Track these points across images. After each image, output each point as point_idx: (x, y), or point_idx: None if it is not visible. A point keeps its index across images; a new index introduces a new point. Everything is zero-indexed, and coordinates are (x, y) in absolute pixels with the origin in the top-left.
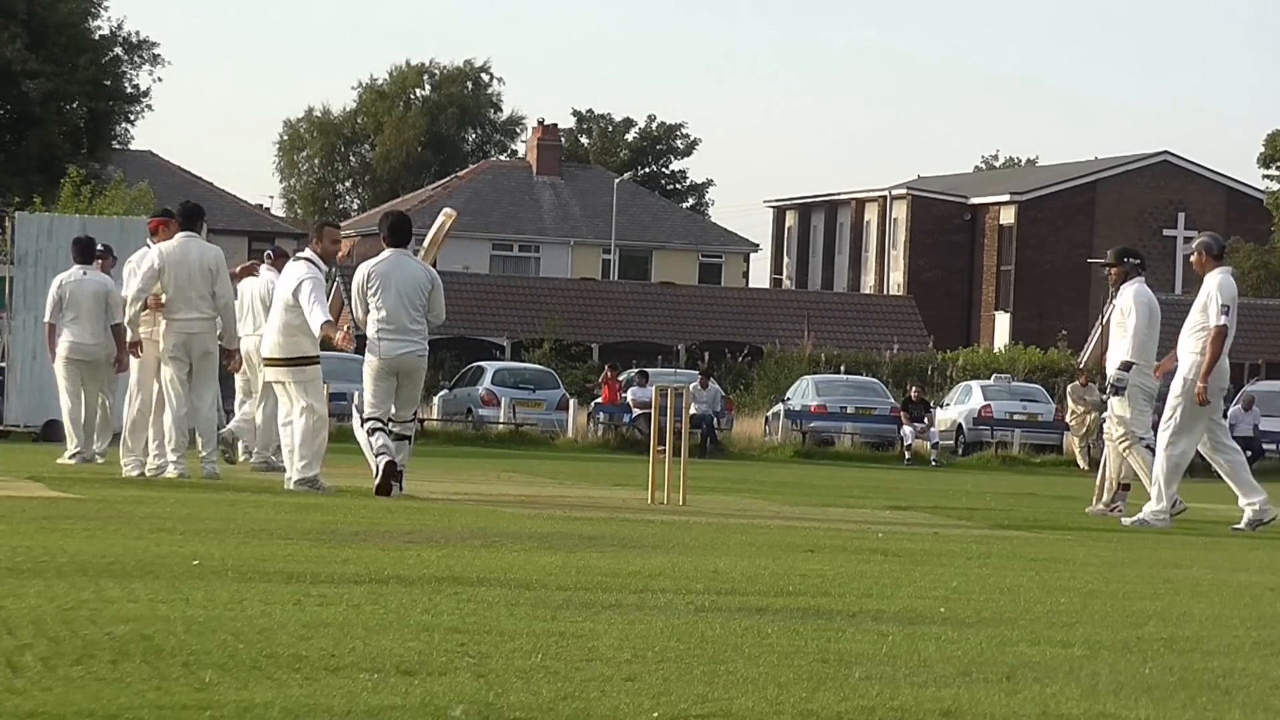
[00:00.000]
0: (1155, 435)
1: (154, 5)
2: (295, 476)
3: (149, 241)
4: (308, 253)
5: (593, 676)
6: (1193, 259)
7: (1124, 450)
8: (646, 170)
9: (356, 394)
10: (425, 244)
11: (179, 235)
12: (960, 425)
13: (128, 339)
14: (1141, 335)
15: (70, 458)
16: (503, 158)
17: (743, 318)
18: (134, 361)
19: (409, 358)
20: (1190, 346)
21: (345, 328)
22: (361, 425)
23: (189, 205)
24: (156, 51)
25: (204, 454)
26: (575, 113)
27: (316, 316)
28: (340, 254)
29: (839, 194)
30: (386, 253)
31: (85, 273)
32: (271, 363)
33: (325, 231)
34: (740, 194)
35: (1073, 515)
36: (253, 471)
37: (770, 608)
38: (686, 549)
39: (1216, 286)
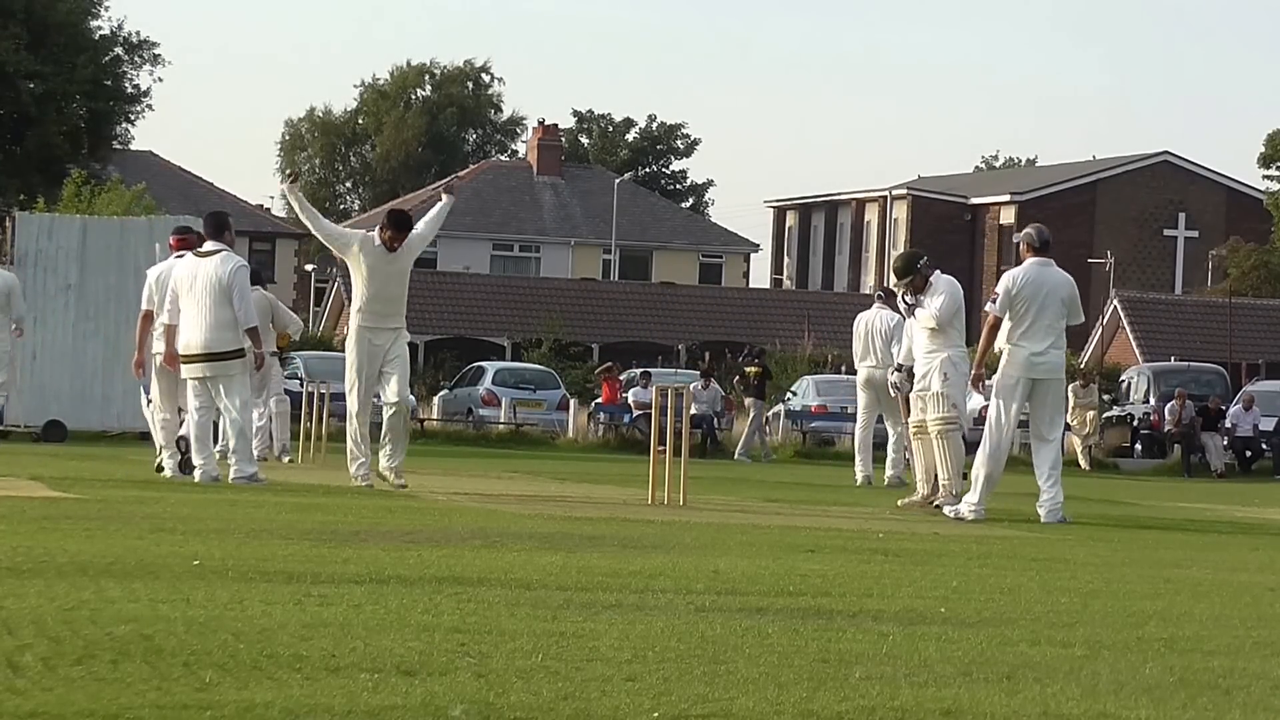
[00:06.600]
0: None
1: (154, 5)
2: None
3: (160, 253)
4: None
5: (593, 676)
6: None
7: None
8: (646, 170)
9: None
10: None
11: (206, 246)
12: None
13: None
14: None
15: None
16: (503, 158)
17: (743, 318)
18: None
19: None
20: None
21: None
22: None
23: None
24: (156, 51)
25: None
26: (575, 113)
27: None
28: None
29: (839, 194)
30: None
31: None
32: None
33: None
34: (740, 194)
35: (1072, 515)
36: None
37: (770, 608)
38: (686, 549)
39: (1009, 277)
